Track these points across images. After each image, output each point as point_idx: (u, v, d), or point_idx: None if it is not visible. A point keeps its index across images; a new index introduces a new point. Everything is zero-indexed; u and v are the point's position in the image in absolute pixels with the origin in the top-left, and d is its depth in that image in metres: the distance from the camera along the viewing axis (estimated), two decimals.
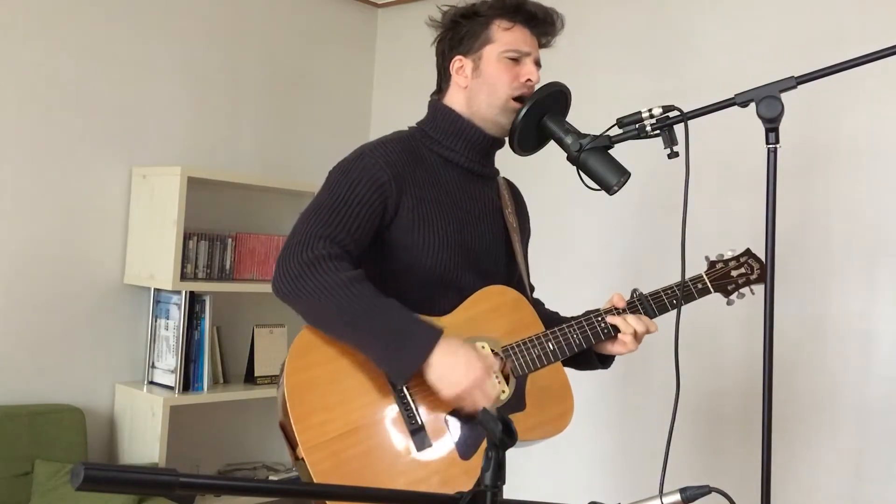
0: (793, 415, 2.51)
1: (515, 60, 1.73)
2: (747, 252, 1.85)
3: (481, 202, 1.78)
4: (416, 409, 1.55)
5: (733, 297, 1.83)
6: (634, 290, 1.79)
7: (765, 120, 1.48)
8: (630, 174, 1.71)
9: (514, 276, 1.85)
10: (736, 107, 1.53)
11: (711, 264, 1.83)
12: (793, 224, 2.52)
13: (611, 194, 1.72)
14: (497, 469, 0.97)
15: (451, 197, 1.72)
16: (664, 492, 1.29)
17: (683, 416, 2.69)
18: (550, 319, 1.82)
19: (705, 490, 1.27)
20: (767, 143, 1.49)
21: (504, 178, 1.92)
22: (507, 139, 1.79)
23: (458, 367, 1.50)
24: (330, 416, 1.50)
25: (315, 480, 1.44)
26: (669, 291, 1.78)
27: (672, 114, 1.60)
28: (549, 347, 1.68)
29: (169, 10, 3.16)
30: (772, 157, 1.49)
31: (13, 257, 2.80)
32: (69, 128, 2.92)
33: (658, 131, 1.60)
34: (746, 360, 2.63)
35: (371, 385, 1.55)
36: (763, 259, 1.83)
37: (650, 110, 1.61)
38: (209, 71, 3.29)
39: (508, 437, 0.96)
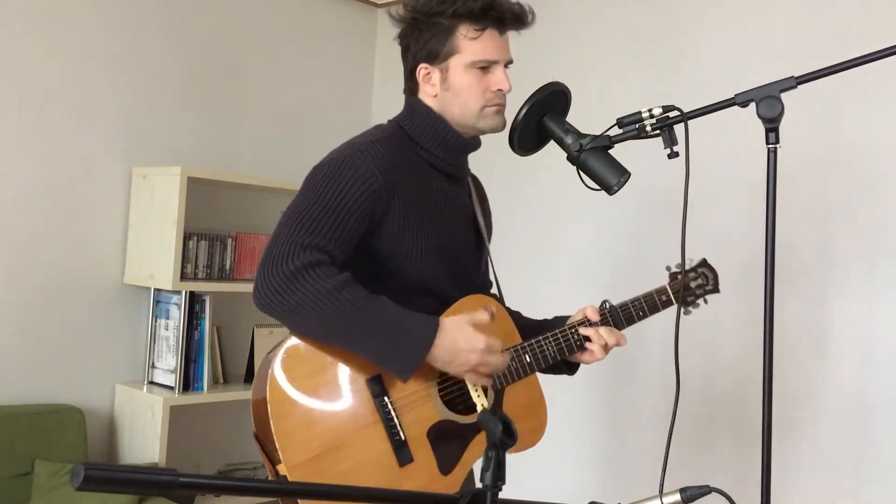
0: (793, 415, 2.51)
1: (485, 69, 1.65)
2: (703, 262, 1.91)
3: (457, 206, 1.76)
4: (399, 424, 1.53)
5: (690, 308, 1.87)
6: (604, 302, 1.81)
7: (765, 120, 1.48)
8: (630, 174, 1.71)
9: (481, 278, 1.86)
10: (736, 107, 1.53)
11: (673, 276, 1.86)
12: (792, 223, 2.52)
13: (611, 194, 1.72)
14: (497, 469, 0.97)
15: (434, 200, 1.68)
16: (664, 492, 1.29)
17: (683, 416, 2.69)
18: (524, 328, 1.80)
19: (705, 490, 1.28)
20: (767, 143, 1.49)
21: (471, 174, 1.87)
22: (481, 142, 1.77)
23: (461, 350, 1.50)
24: (315, 432, 1.47)
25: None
26: (636, 303, 1.80)
27: (672, 114, 1.60)
28: (525, 360, 1.68)
29: (169, 10, 3.16)
30: (772, 157, 1.49)
31: (13, 257, 2.80)
32: (69, 128, 2.92)
33: (658, 131, 1.60)
34: (747, 361, 2.63)
35: (355, 399, 1.52)
36: (716, 270, 1.90)
37: (650, 110, 1.61)
38: (209, 71, 3.29)
39: (508, 436, 0.96)
